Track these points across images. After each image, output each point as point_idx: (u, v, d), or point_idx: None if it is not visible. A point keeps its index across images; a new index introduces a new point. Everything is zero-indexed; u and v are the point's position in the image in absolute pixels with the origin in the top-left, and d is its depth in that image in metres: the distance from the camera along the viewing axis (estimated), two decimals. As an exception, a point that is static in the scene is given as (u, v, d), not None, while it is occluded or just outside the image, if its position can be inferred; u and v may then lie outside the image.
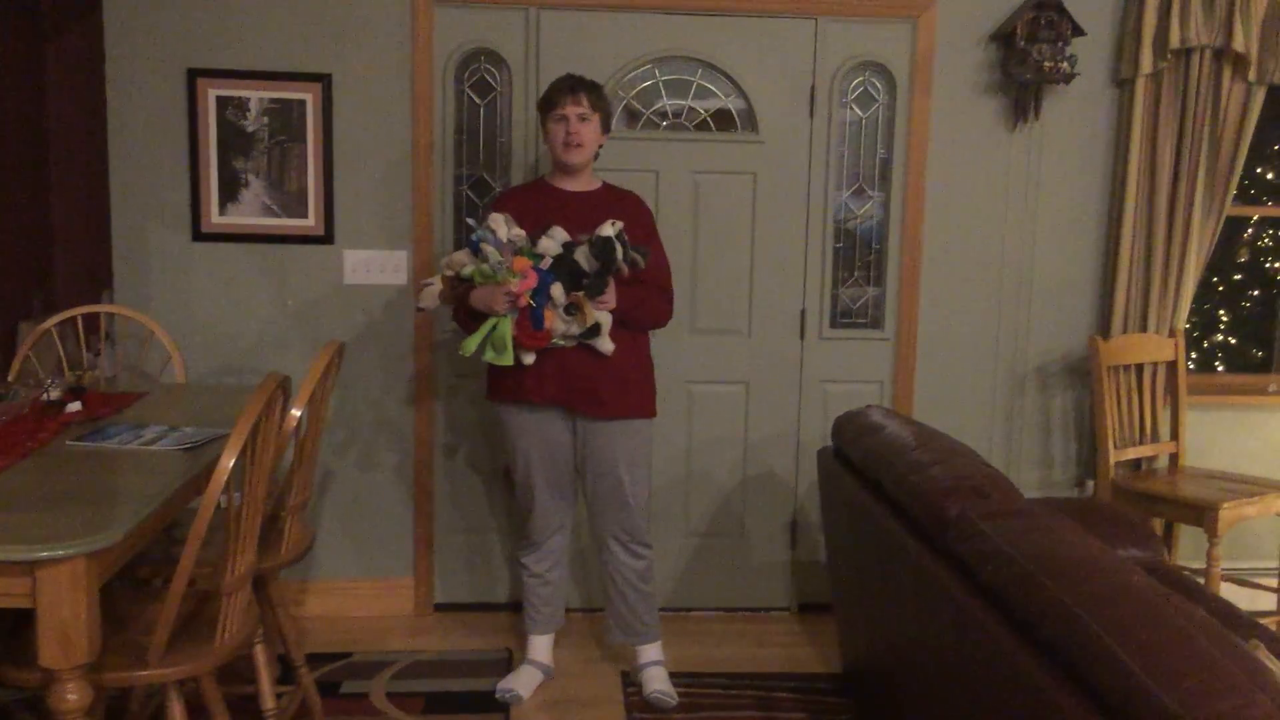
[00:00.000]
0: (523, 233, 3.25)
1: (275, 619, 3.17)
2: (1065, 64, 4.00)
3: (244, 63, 3.93)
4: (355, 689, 3.64)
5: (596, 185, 3.53)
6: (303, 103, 3.94)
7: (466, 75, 4.06)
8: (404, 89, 4.00)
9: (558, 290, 3.20)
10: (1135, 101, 4.10)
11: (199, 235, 3.99)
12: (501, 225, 3.23)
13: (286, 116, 3.95)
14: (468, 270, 3.25)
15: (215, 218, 3.97)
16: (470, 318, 3.35)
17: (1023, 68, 4.01)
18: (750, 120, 4.14)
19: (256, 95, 3.93)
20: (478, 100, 4.07)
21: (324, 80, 3.94)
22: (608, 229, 3.21)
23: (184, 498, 2.51)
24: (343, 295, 4.08)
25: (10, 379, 3.58)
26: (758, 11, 4.05)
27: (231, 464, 2.24)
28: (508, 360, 3.23)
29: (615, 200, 3.50)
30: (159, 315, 3.93)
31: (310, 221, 4.00)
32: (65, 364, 3.61)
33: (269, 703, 2.86)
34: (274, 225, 4.00)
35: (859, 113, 4.19)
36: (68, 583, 2.01)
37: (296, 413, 2.91)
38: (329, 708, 3.44)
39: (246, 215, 3.98)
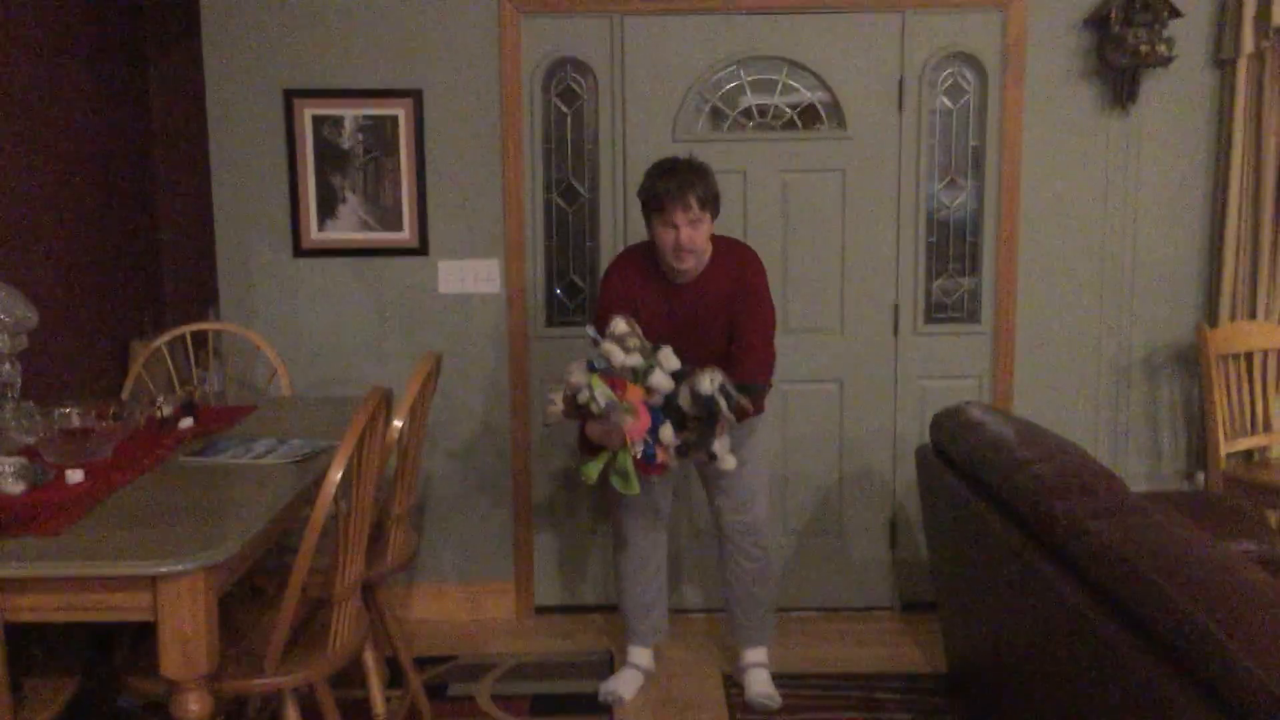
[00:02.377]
0: (639, 358, 3.13)
1: (383, 624, 3.24)
2: (1163, 46, 3.90)
3: (338, 81, 4.02)
4: (462, 691, 3.70)
5: (706, 260, 3.40)
6: (395, 118, 4.02)
7: (553, 84, 4.09)
8: (493, 100, 4.06)
9: (667, 433, 3.14)
10: (1237, 82, 3.98)
11: (299, 251, 4.09)
12: (617, 352, 3.12)
13: (380, 132, 4.03)
14: (584, 399, 3.15)
15: (315, 233, 4.07)
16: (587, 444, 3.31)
17: (1119, 52, 3.92)
18: (838, 116, 4.11)
19: (351, 113, 4.01)
20: (564, 108, 4.11)
21: (415, 95, 4.02)
22: (706, 384, 3.08)
23: (295, 509, 2.58)
24: (438, 304, 4.15)
25: (124, 396, 3.71)
26: (843, 7, 4.02)
27: (339, 476, 2.30)
28: (634, 489, 3.17)
29: (724, 271, 3.40)
30: (263, 330, 4.04)
31: (405, 234, 4.08)
32: (176, 380, 3.73)
33: (379, 706, 2.92)
34: (370, 239, 4.09)
35: (949, 104, 4.13)
36: (187, 595, 2.08)
37: (398, 424, 2.98)
38: (437, 710, 3.50)
39: (344, 230, 4.08)
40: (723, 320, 3.41)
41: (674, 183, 3.24)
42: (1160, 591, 2.02)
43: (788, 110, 4.11)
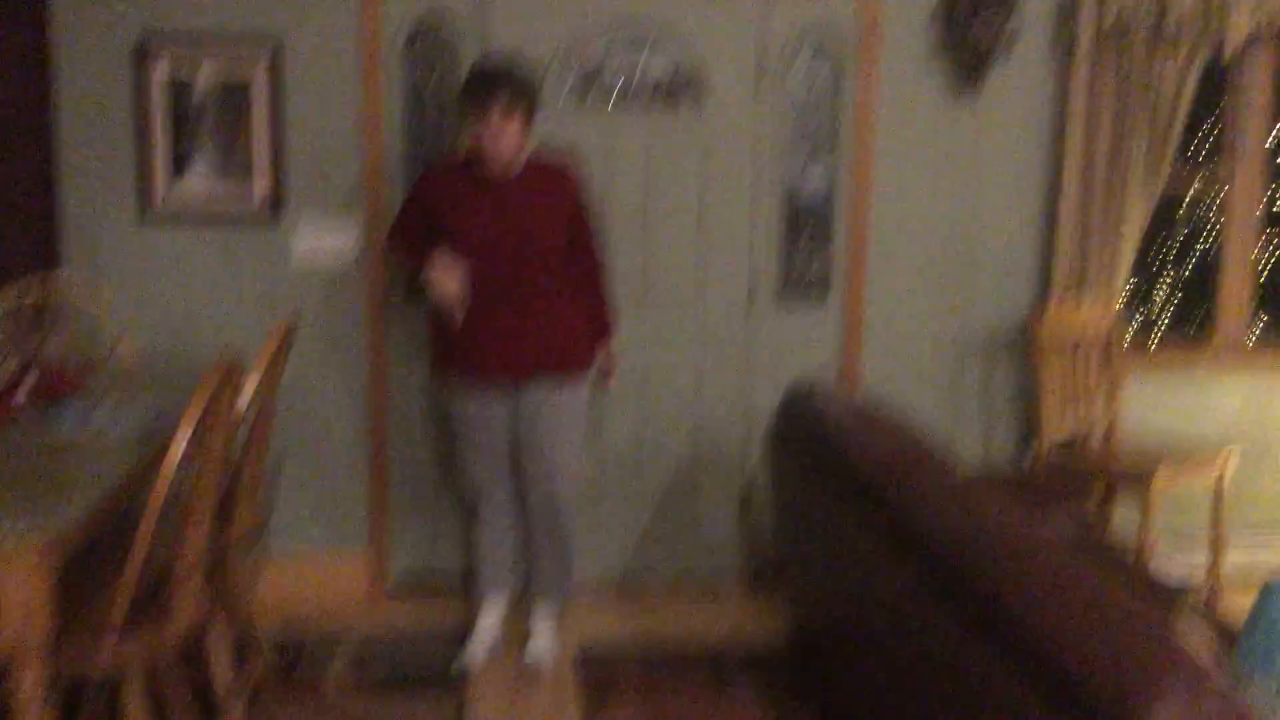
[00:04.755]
0: None
1: (230, 599, 3.21)
2: (1007, 37, 4.08)
3: (193, 26, 3.90)
4: (310, 670, 3.68)
5: (522, 165, 3.52)
6: (251, 74, 3.91)
7: (416, 44, 4.04)
8: (354, 59, 3.99)
9: None
10: (1075, 75, 4.18)
11: (148, 214, 3.98)
12: None
13: (235, 90, 3.92)
14: None
15: (164, 195, 3.96)
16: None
17: (965, 40, 4.08)
18: (698, 94, 4.16)
19: (206, 66, 3.89)
20: (426, 71, 4.07)
21: (274, 46, 3.92)
22: None
23: (137, 481, 2.54)
24: (294, 269, 4.08)
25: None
26: (705, -14, 4.08)
27: (181, 451, 2.27)
28: None
29: (541, 179, 3.55)
30: (107, 295, 3.93)
31: (259, 196, 3.99)
32: (15, 346, 3.61)
33: (225, 685, 2.90)
34: (222, 201, 3.99)
35: (806, 85, 4.22)
36: (22, 568, 2.05)
37: (245, 398, 2.94)
38: (284, 689, 3.50)
39: (195, 192, 3.97)
40: (555, 231, 3.53)
41: (485, 83, 3.39)
42: (973, 571, 2.15)
43: (650, 89, 4.15)
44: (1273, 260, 5.00)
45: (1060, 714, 1.82)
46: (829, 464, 2.96)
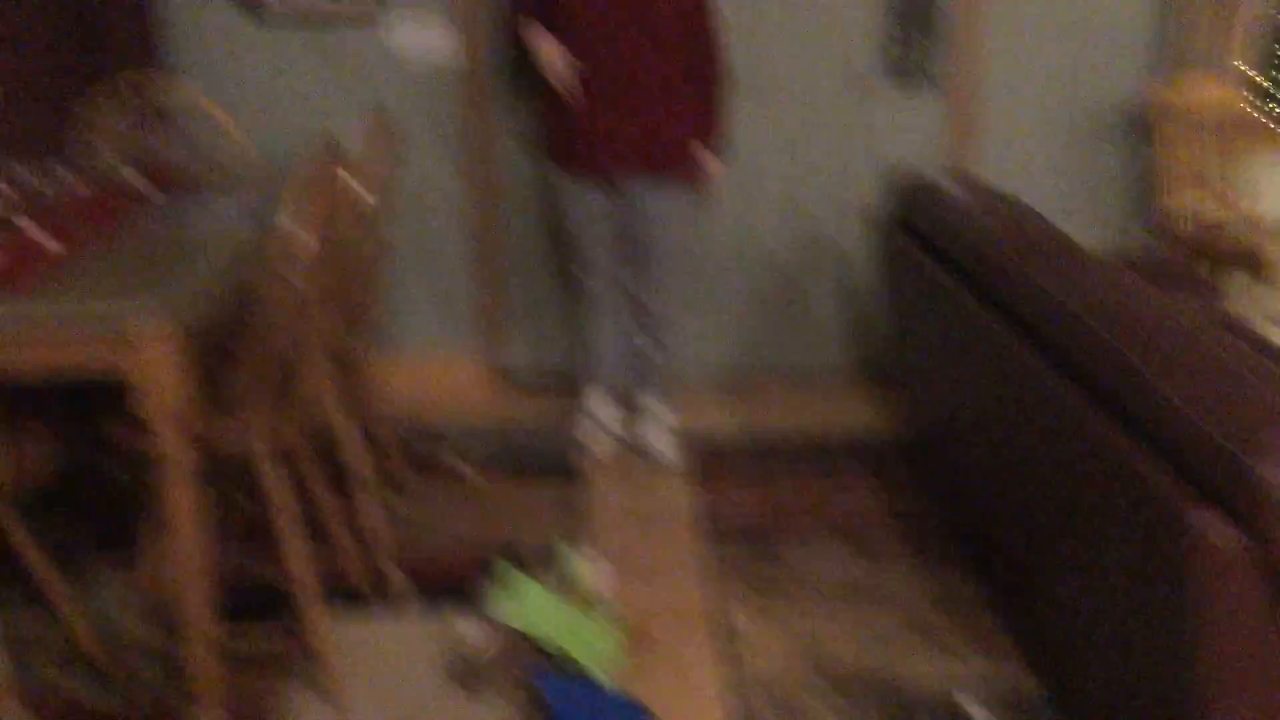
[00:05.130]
0: None
1: (356, 389, 3.30)
2: None
3: None
4: (435, 457, 3.81)
5: None
6: None
7: None
8: None
9: None
10: None
11: (251, 13, 3.96)
12: None
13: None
14: None
15: (261, -8, 3.93)
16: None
17: None
18: None
19: None
20: None
21: None
22: None
23: (257, 267, 2.59)
24: (394, 65, 4.05)
25: (79, 161, 3.64)
26: None
27: (292, 219, 2.29)
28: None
29: None
30: (215, 93, 3.95)
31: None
32: (128, 143, 3.67)
33: (356, 469, 3.02)
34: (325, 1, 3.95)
35: None
36: (158, 340, 2.13)
37: (352, 185, 2.95)
38: (413, 472, 3.65)
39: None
40: (675, 16, 3.40)
41: None
42: (1102, 343, 2.11)
43: None
44: None
45: (1178, 478, 1.83)
46: (950, 248, 2.90)
